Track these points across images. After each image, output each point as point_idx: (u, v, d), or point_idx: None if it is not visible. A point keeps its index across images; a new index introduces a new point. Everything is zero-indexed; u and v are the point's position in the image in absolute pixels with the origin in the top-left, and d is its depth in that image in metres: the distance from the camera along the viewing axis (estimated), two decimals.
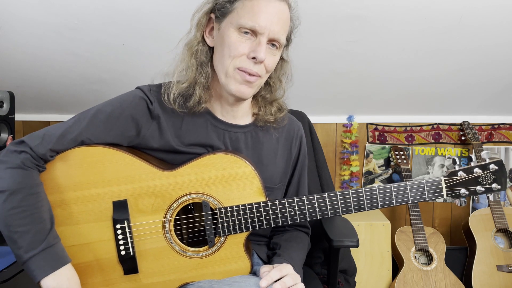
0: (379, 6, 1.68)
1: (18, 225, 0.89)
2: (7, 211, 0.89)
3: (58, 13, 1.69)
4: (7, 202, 0.89)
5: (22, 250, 0.89)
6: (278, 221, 1.00)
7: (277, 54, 1.02)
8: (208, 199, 1.00)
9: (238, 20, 0.95)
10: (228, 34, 0.96)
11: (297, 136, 1.18)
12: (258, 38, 0.96)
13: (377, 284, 2.10)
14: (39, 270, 0.89)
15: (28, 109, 2.34)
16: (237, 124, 1.09)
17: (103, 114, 0.99)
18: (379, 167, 2.42)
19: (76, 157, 0.98)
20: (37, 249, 0.89)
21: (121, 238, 0.99)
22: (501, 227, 2.10)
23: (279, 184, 1.14)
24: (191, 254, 1.01)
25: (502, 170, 0.99)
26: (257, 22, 0.94)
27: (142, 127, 1.02)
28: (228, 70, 0.97)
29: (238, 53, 0.96)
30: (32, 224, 0.90)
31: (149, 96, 1.03)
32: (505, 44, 1.88)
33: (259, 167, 1.03)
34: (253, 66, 0.97)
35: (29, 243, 0.89)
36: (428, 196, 0.98)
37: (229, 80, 0.98)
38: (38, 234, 0.90)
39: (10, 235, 0.89)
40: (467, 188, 0.99)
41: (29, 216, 0.90)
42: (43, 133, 0.96)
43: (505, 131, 2.40)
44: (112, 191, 0.98)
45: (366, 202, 0.99)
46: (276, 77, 1.11)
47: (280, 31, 0.97)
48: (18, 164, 0.91)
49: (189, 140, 1.05)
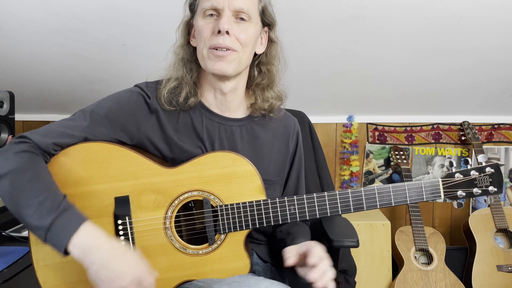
0: (379, 6, 1.68)
1: (33, 197, 0.87)
2: (20, 187, 0.88)
3: (58, 13, 1.69)
4: (18, 179, 0.88)
5: (42, 219, 0.86)
6: (278, 220, 1.00)
7: (250, 26, 1.02)
8: (209, 197, 1.00)
9: (201, 6, 1.02)
10: (197, 23, 1.03)
11: (293, 131, 1.19)
12: (221, 14, 0.99)
13: (377, 284, 2.10)
14: (66, 230, 0.86)
15: (28, 109, 2.34)
16: (232, 118, 1.10)
17: (103, 110, 1.01)
18: (379, 167, 2.43)
19: (79, 153, 0.98)
20: (56, 211, 0.87)
21: (122, 234, 0.99)
22: (501, 227, 2.10)
23: (277, 178, 1.14)
24: (191, 251, 1.01)
25: (498, 173, 1.01)
26: (214, 0, 0.99)
27: (142, 121, 1.03)
28: (203, 52, 1.01)
29: (207, 33, 1.00)
30: (47, 193, 0.89)
31: (147, 91, 1.05)
32: (505, 44, 1.88)
33: (255, 161, 1.04)
34: (222, 40, 0.98)
35: (48, 209, 0.86)
36: (426, 197, 1.00)
37: (206, 61, 1.01)
38: (54, 201, 0.88)
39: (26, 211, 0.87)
40: (464, 190, 1.01)
41: (42, 187, 0.89)
42: (44, 129, 0.97)
43: (505, 131, 2.40)
44: (114, 187, 0.99)
45: (365, 202, 1.00)
46: (267, 62, 1.11)
47: (241, 1, 0.99)
48: (23, 149, 0.91)
49: (186, 134, 1.06)
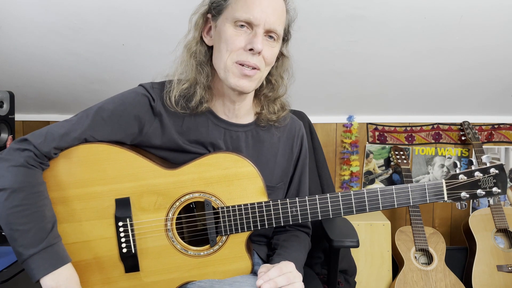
0: (379, 6, 1.68)
1: (20, 224, 0.89)
2: (9, 209, 0.89)
3: (58, 13, 1.69)
4: (9, 200, 0.89)
5: (22, 248, 0.89)
6: (280, 221, 1.00)
7: (276, 46, 1.02)
8: (211, 198, 1.00)
9: (233, 14, 0.96)
10: (224, 29, 0.97)
11: (298, 135, 1.18)
12: (254, 30, 0.96)
13: (377, 284, 2.10)
14: (39, 269, 0.89)
15: (28, 109, 2.34)
16: (238, 123, 1.09)
17: (106, 112, 1.00)
18: (379, 167, 2.42)
19: (79, 155, 0.98)
20: (37, 247, 0.89)
21: (123, 236, 0.99)
22: (501, 227, 2.10)
23: (280, 184, 1.14)
24: (192, 253, 1.01)
25: (502, 174, 1.00)
26: (252, 13, 0.94)
27: (145, 124, 1.02)
28: (226, 64, 0.97)
29: (236, 46, 0.96)
30: (34, 223, 0.90)
31: (151, 93, 1.03)
32: (506, 44, 1.88)
33: (259, 166, 1.03)
34: (251, 58, 0.97)
35: (30, 241, 0.89)
36: (429, 198, 0.99)
37: (228, 74, 0.98)
38: (39, 233, 0.90)
39: (11, 233, 0.89)
40: (468, 191, 1.00)
41: (30, 215, 0.90)
42: (46, 131, 0.96)
43: (505, 131, 2.40)
44: (114, 188, 0.98)
45: (367, 204, 0.99)
46: (277, 74, 1.11)
47: (276, 22, 0.98)
48: (21, 163, 0.91)
49: (190, 138, 1.05)
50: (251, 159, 1.03)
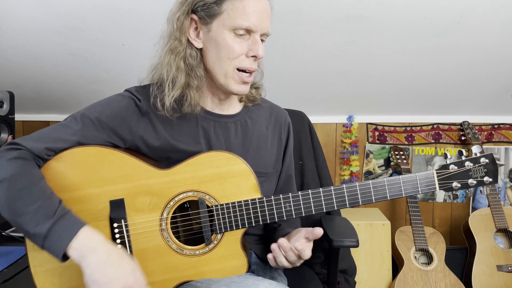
0: (379, 6, 1.68)
1: (27, 205, 0.87)
2: (13, 195, 0.87)
3: (58, 13, 1.69)
4: (11, 188, 0.88)
5: (37, 227, 0.86)
6: (274, 217, 1.00)
7: None
8: (204, 197, 1.00)
9: (232, 22, 0.97)
10: (223, 36, 0.98)
11: (285, 123, 1.21)
12: (252, 36, 0.99)
13: (377, 284, 2.10)
14: (62, 237, 0.86)
15: (28, 109, 2.34)
16: (226, 114, 1.11)
17: (93, 114, 1.00)
18: (379, 167, 2.43)
19: (72, 157, 0.98)
20: (53, 218, 0.86)
21: (118, 237, 0.99)
22: (501, 227, 2.10)
23: (273, 171, 1.16)
24: (188, 252, 1.01)
25: (492, 163, 1.00)
26: (251, 22, 0.97)
27: (133, 125, 1.03)
28: (227, 71, 1.00)
29: (237, 54, 0.99)
30: (41, 200, 0.88)
31: (137, 94, 1.05)
32: (506, 44, 1.88)
33: (250, 154, 1.05)
34: (253, 63, 1.02)
35: (43, 217, 0.86)
36: (421, 189, 1.00)
37: (229, 81, 1.01)
38: (49, 207, 0.88)
39: (21, 219, 0.87)
40: (459, 181, 1.00)
41: (35, 194, 0.89)
42: (36, 135, 0.97)
43: (505, 131, 2.40)
44: (109, 190, 0.99)
45: (360, 197, 1.00)
46: None
47: (269, 25, 1.02)
48: (16, 156, 0.91)
49: (181, 133, 1.06)
50: (245, 150, 1.04)
